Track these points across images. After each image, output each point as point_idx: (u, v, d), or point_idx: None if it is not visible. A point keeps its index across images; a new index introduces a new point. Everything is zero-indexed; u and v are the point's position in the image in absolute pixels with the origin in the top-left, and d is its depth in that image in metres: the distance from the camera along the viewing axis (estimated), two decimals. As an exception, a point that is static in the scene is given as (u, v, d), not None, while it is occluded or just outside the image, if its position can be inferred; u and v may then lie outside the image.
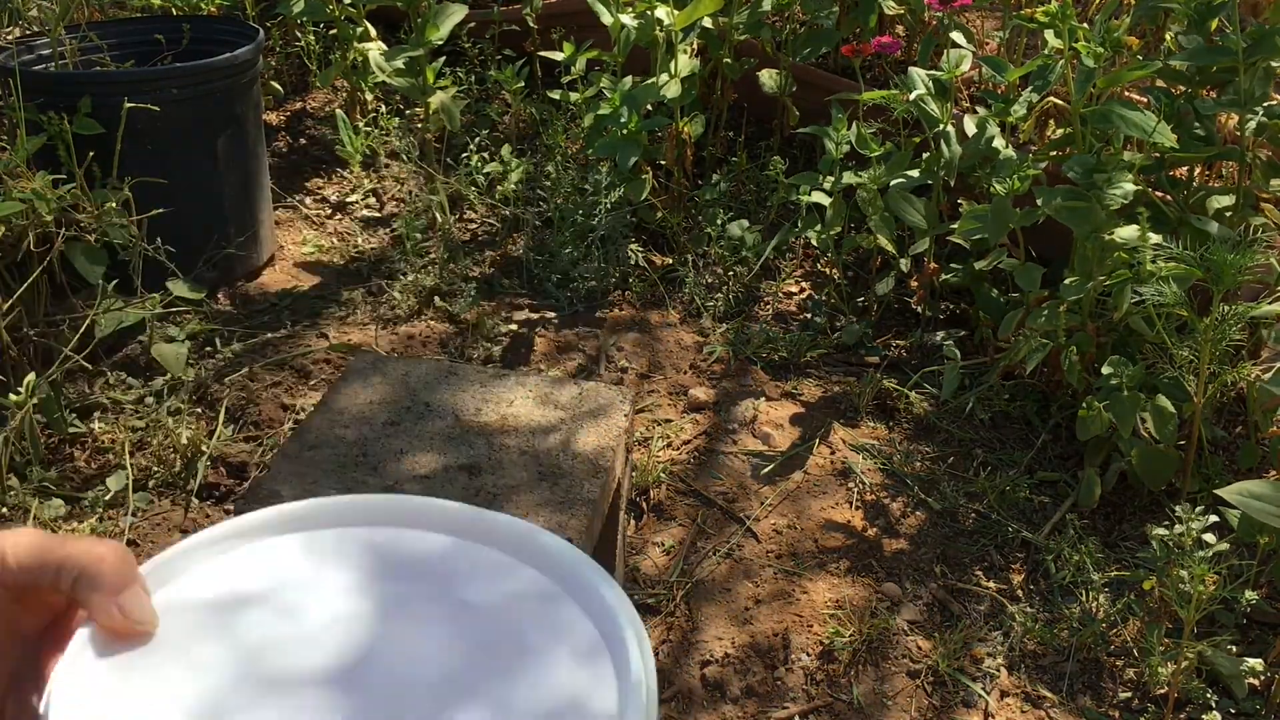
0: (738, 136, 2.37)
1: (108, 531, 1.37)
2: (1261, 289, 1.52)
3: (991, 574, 1.38)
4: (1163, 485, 1.44)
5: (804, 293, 2.01)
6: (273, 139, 2.54)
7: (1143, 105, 1.61)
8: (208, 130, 1.91)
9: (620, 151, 1.95)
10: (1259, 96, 1.48)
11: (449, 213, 2.18)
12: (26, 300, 1.66)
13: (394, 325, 1.87)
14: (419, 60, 2.14)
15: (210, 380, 1.71)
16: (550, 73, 2.65)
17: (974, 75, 2.16)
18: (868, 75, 2.31)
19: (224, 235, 1.98)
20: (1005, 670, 1.24)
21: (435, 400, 1.04)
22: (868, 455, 1.58)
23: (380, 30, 2.52)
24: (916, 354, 1.83)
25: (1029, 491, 1.50)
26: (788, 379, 1.76)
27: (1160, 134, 1.43)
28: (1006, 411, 1.66)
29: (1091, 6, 2.03)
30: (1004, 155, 1.64)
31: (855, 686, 1.21)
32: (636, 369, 1.76)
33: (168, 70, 1.89)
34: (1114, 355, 1.45)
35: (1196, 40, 1.55)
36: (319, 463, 0.93)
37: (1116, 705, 1.21)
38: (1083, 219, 1.46)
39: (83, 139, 1.72)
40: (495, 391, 1.07)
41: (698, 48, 2.21)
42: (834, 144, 1.82)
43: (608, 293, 1.99)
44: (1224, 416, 1.63)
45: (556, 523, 0.89)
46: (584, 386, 1.11)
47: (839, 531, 1.43)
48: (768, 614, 1.29)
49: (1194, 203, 1.60)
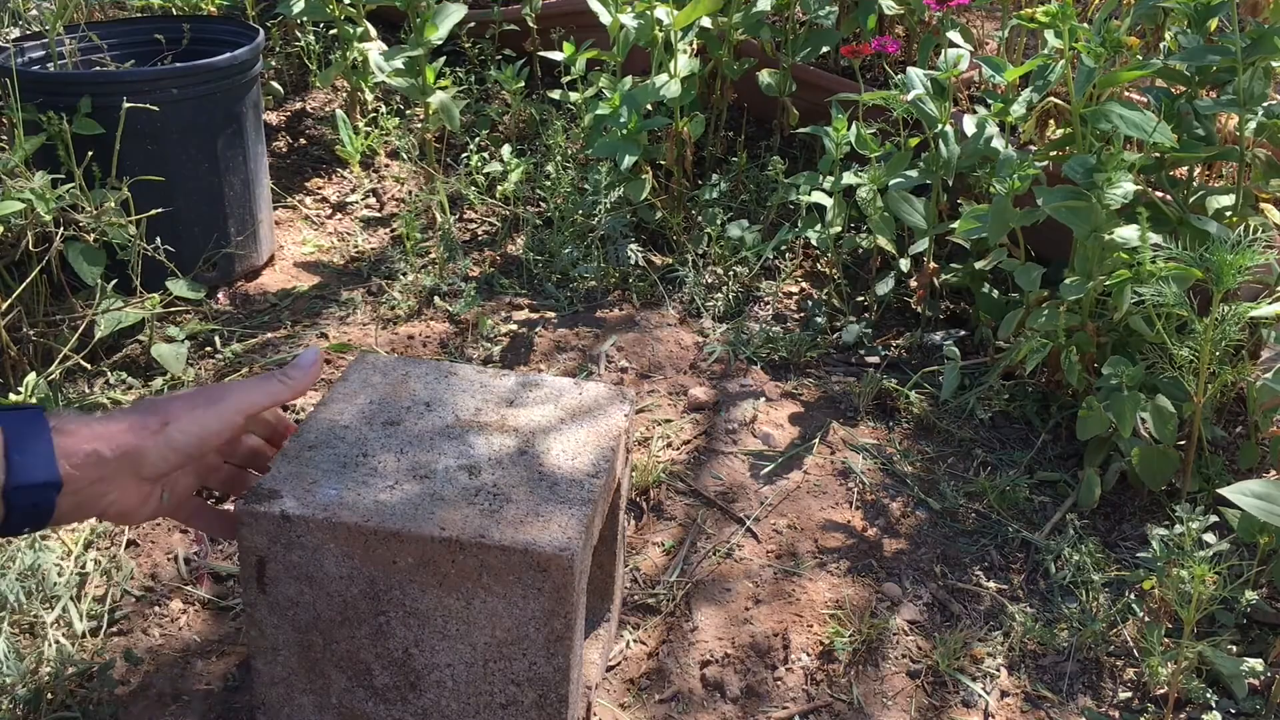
0: (738, 136, 2.37)
1: (106, 531, 1.37)
2: (1261, 289, 1.52)
3: (991, 574, 1.38)
4: (1163, 485, 1.44)
5: (804, 293, 2.01)
6: (273, 139, 2.54)
7: (1143, 105, 1.61)
8: (208, 130, 1.91)
9: (620, 151, 1.95)
10: (1258, 96, 1.48)
11: (449, 212, 2.18)
12: (26, 300, 1.66)
13: (394, 325, 1.87)
14: (419, 60, 2.14)
15: (210, 380, 1.70)
16: (550, 73, 2.65)
17: (974, 75, 2.16)
18: (867, 75, 2.32)
19: (224, 235, 1.98)
20: (1005, 670, 1.24)
21: (435, 400, 1.04)
22: (867, 455, 1.58)
23: (380, 30, 2.52)
24: (916, 354, 1.83)
25: (1029, 491, 1.50)
26: (788, 379, 1.76)
27: (1160, 134, 1.43)
28: (1006, 411, 1.66)
29: (1091, 6, 2.03)
30: (1004, 155, 1.64)
31: (855, 686, 1.21)
32: (636, 369, 1.76)
33: (168, 70, 1.89)
34: (1114, 355, 1.45)
35: (1196, 40, 1.55)
36: (318, 463, 0.93)
37: (1116, 705, 1.21)
38: (1083, 219, 1.46)
39: (82, 139, 1.72)
40: (495, 391, 1.07)
41: (697, 48, 2.21)
42: (834, 144, 1.82)
43: (607, 293, 1.99)
44: (1224, 416, 1.63)
45: (557, 523, 0.89)
46: (584, 387, 1.10)
47: (839, 531, 1.43)
48: (767, 614, 1.29)
49: (1194, 203, 1.60)
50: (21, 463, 0.73)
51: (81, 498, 0.78)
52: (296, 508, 0.88)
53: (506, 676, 0.93)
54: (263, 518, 0.88)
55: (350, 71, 2.44)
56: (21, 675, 1.13)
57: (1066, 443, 1.60)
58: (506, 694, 0.94)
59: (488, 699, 0.95)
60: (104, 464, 0.78)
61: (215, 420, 0.84)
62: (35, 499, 0.74)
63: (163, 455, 0.82)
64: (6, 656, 1.13)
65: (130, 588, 1.30)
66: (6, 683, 1.13)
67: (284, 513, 0.87)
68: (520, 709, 0.95)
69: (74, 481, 0.76)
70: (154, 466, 0.82)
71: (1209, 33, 1.57)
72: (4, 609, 1.20)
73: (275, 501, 0.88)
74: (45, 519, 0.76)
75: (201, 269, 1.95)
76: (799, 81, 2.22)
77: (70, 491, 0.76)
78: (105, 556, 1.33)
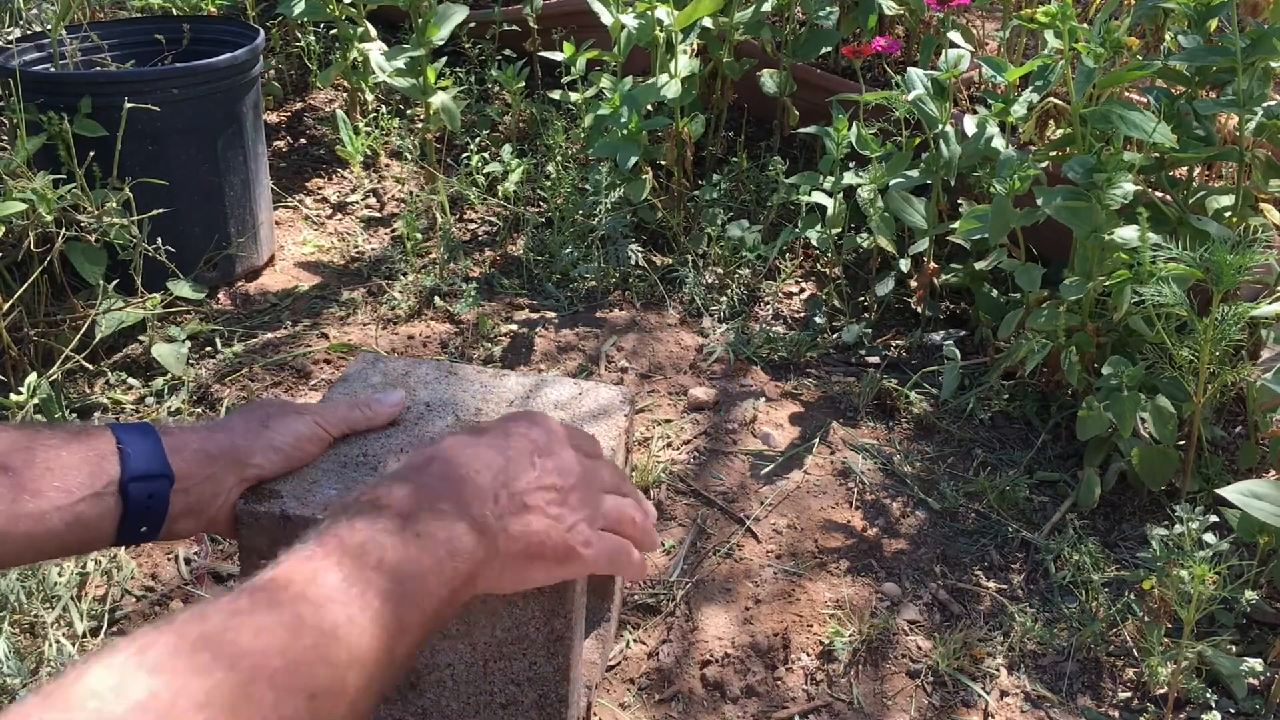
0: (738, 137, 2.37)
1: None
2: (1261, 289, 1.52)
3: (991, 574, 1.38)
4: (1163, 485, 1.44)
5: (804, 293, 2.01)
6: (273, 139, 2.54)
7: (1143, 105, 1.61)
8: (208, 130, 1.91)
9: (620, 152, 1.95)
10: (1258, 96, 1.48)
11: (449, 213, 2.18)
12: (27, 300, 1.67)
13: (394, 325, 1.88)
14: (419, 60, 2.14)
15: (210, 380, 1.71)
16: (550, 73, 2.65)
17: (974, 76, 2.16)
18: (868, 75, 2.32)
19: (224, 235, 1.98)
20: (1005, 670, 1.24)
21: (435, 400, 1.04)
22: (868, 455, 1.58)
23: (380, 30, 2.52)
24: (916, 354, 1.83)
25: (1029, 491, 1.50)
26: (788, 379, 1.76)
27: (1160, 134, 1.43)
28: (1006, 411, 1.66)
29: (1091, 6, 2.03)
30: (1004, 155, 1.64)
31: (855, 686, 1.21)
32: (636, 369, 1.76)
33: (168, 70, 1.89)
34: (1114, 355, 1.45)
35: (1196, 40, 1.55)
36: (318, 463, 0.93)
37: (1116, 705, 1.21)
38: (1083, 219, 1.46)
39: (83, 139, 1.72)
40: (495, 391, 1.07)
41: (698, 48, 2.21)
42: (834, 144, 1.82)
43: (608, 293, 1.99)
44: (1224, 416, 1.63)
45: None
46: (583, 386, 1.10)
47: (839, 531, 1.43)
48: (768, 614, 1.29)
49: (1194, 203, 1.60)
50: (134, 455, 0.76)
51: (193, 497, 0.80)
52: (297, 508, 0.88)
53: (507, 676, 0.93)
54: (263, 517, 0.88)
55: (351, 71, 2.44)
56: (22, 675, 1.13)
57: (1066, 443, 1.60)
58: (507, 694, 0.94)
59: (488, 699, 0.95)
60: (212, 460, 0.81)
61: (307, 426, 0.89)
62: (150, 489, 0.76)
63: (265, 454, 0.85)
64: (7, 656, 1.13)
65: (131, 588, 1.30)
66: (7, 683, 1.13)
67: (284, 513, 0.88)
68: (521, 709, 0.95)
69: (186, 478, 0.79)
70: (257, 466, 0.85)
71: (1209, 33, 1.57)
72: (4, 609, 1.20)
73: (275, 501, 0.88)
74: (161, 515, 0.77)
75: (202, 269, 1.95)
76: (799, 81, 2.22)
77: (182, 488, 0.79)
78: (106, 556, 1.33)
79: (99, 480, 0.74)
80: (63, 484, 0.72)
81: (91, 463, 0.74)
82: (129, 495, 0.75)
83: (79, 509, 0.73)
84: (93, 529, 0.74)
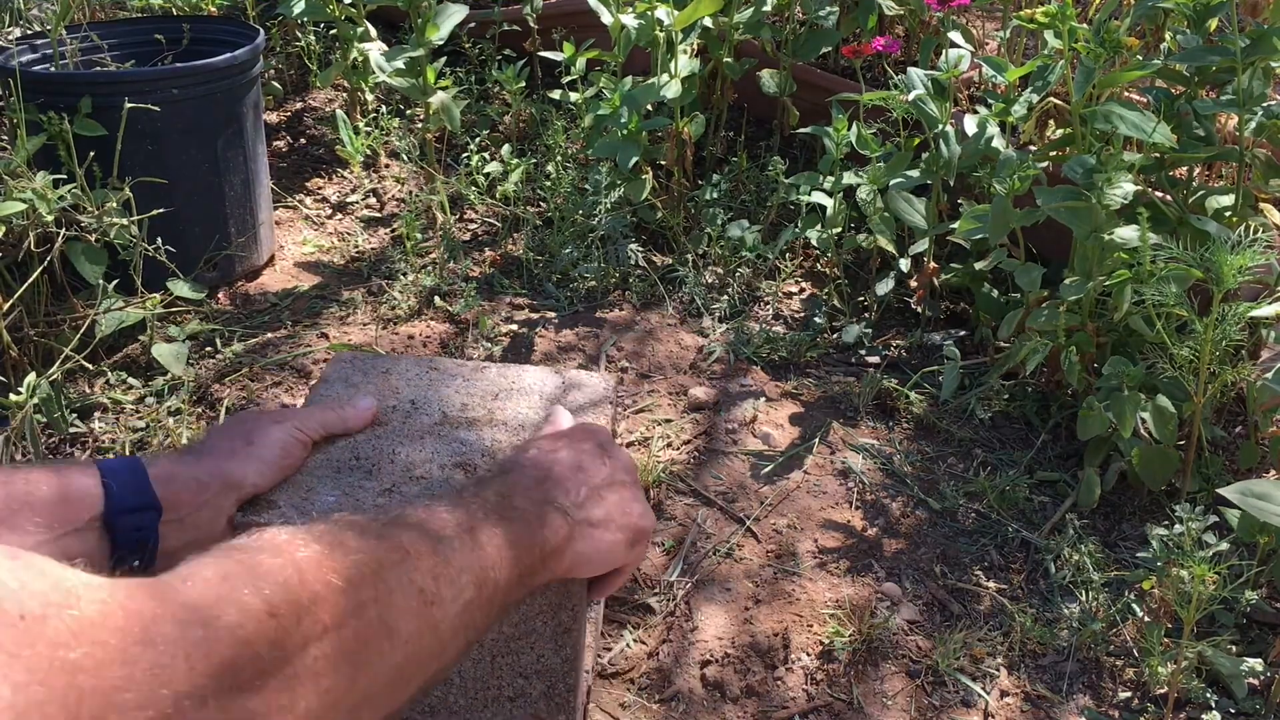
0: (738, 137, 2.37)
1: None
2: (1261, 289, 1.52)
3: (991, 574, 1.38)
4: (1163, 485, 1.44)
5: (804, 293, 2.01)
6: (273, 139, 2.54)
7: (1143, 105, 1.61)
8: (208, 130, 1.91)
9: (620, 152, 1.95)
10: (1258, 96, 1.48)
11: (449, 213, 2.18)
12: (27, 300, 1.67)
13: (394, 325, 1.88)
14: (419, 60, 2.14)
15: (210, 380, 1.71)
16: (550, 73, 2.65)
17: (974, 76, 2.16)
18: (868, 75, 2.31)
19: (224, 235, 1.98)
20: (1005, 670, 1.24)
21: (420, 398, 1.04)
22: (867, 455, 1.58)
23: (380, 30, 2.52)
24: (916, 354, 1.83)
25: (1029, 491, 1.50)
26: (788, 379, 1.76)
27: (1160, 134, 1.43)
28: (1006, 411, 1.66)
29: (1091, 7, 2.03)
30: (1004, 155, 1.64)
31: (855, 686, 1.21)
32: (636, 369, 1.76)
33: (168, 70, 1.89)
34: (1114, 355, 1.45)
35: (1195, 40, 1.55)
36: (312, 469, 0.92)
37: (1116, 705, 1.21)
38: (1083, 219, 1.46)
39: (83, 139, 1.72)
40: (479, 386, 1.07)
41: (698, 48, 2.21)
42: (834, 144, 1.82)
43: (608, 293, 1.99)
44: (1224, 416, 1.63)
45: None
46: (565, 375, 1.10)
47: (839, 531, 1.43)
48: (768, 614, 1.29)
49: (1194, 203, 1.60)
50: (118, 489, 0.76)
51: (187, 526, 0.80)
52: (296, 518, 0.87)
53: (514, 669, 0.93)
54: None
55: (350, 71, 2.44)
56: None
57: (1066, 443, 1.60)
58: (514, 686, 0.94)
59: (495, 692, 0.94)
60: (205, 488, 0.81)
61: (287, 433, 0.90)
62: (137, 523, 0.76)
63: (257, 470, 0.86)
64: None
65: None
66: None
67: (285, 523, 0.87)
68: (528, 700, 0.95)
69: (178, 507, 0.79)
70: (253, 485, 0.85)
71: (1209, 33, 1.57)
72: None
73: (274, 512, 0.87)
74: (151, 548, 0.77)
75: (202, 269, 1.95)
76: (799, 81, 2.22)
77: (175, 518, 0.79)
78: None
79: (81, 515, 0.74)
80: (43, 519, 0.72)
81: (72, 499, 0.74)
82: (116, 528, 0.75)
83: (64, 543, 0.72)
84: (80, 565, 0.74)
